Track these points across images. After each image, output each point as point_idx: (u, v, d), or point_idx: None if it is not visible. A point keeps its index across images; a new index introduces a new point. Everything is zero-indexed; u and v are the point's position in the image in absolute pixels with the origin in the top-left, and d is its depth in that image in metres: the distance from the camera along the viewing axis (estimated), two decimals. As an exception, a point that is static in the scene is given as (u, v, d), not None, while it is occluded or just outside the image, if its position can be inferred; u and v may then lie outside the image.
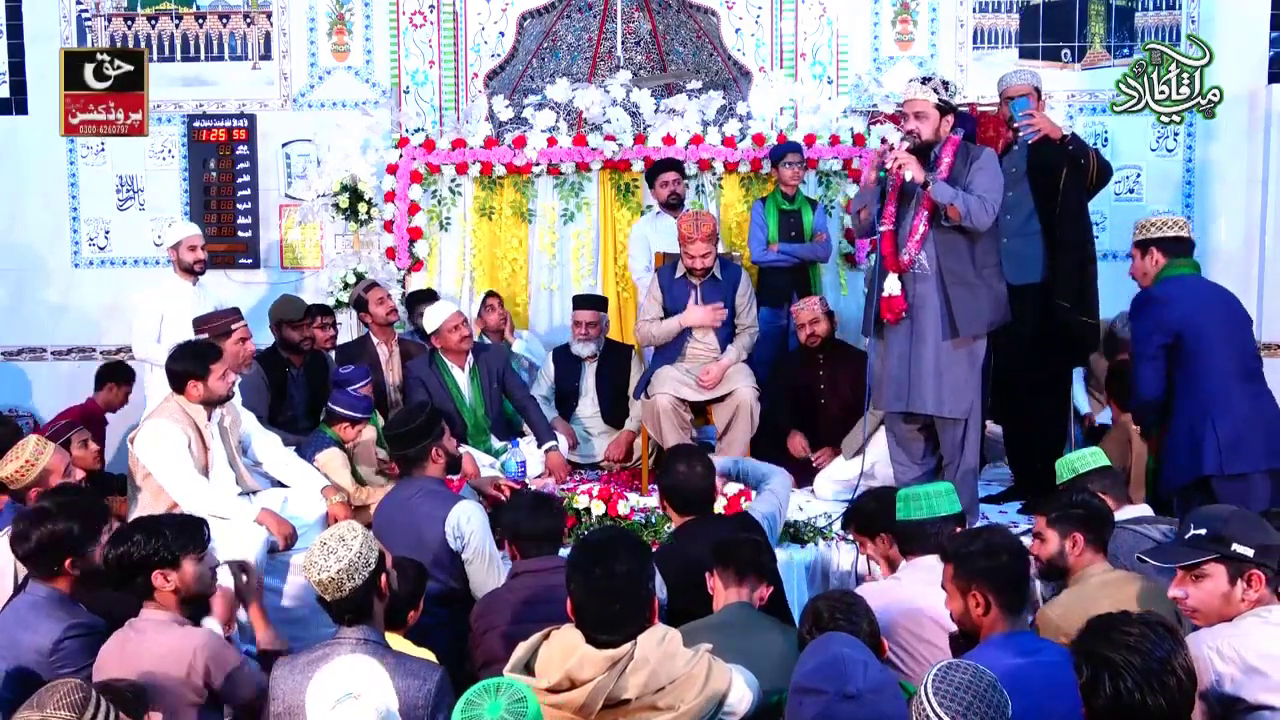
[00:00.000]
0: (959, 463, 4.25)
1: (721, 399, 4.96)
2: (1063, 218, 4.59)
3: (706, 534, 3.19)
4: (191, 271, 5.45)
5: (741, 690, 2.40)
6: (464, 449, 4.58)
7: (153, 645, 2.75)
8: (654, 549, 3.45)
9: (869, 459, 4.71)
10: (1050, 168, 4.57)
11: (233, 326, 4.55)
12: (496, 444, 5.17)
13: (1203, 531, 2.48)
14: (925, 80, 4.16)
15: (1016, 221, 4.66)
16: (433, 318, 5.17)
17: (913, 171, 4.01)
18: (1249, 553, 2.42)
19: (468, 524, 3.57)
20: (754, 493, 3.87)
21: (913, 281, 4.15)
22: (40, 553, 3.02)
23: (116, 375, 6.12)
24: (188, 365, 3.99)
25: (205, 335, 4.53)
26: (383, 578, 2.70)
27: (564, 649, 2.31)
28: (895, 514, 3.18)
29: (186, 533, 2.90)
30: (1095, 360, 5.74)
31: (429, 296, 5.85)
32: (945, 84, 4.21)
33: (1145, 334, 4.01)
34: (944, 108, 4.11)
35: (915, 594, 2.96)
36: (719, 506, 4.57)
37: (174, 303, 5.35)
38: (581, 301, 5.65)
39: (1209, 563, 2.46)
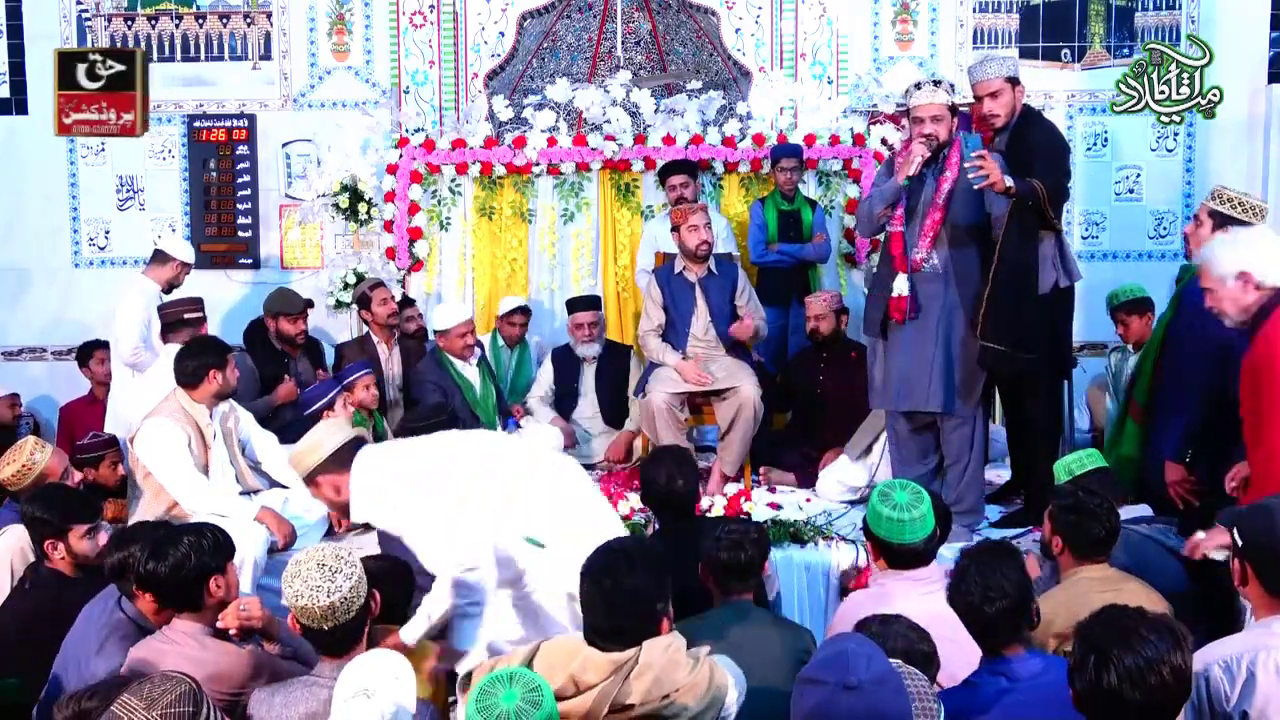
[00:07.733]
0: (969, 460, 4.25)
1: (723, 395, 4.95)
2: (1002, 255, 4.06)
3: (690, 542, 3.14)
4: (170, 288, 5.46)
5: (735, 689, 2.40)
6: None
7: (202, 660, 2.58)
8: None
9: (875, 461, 4.72)
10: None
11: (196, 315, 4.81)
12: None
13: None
14: (937, 83, 4.18)
15: None
16: (444, 318, 5.17)
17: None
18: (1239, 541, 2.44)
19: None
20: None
21: (922, 281, 4.16)
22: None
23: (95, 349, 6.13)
24: (208, 358, 4.02)
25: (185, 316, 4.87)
26: (375, 599, 2.54)
27: (566, 652, 2.30)
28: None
29: (221, 536, 2.79)
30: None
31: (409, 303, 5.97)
32: (951, 85, 4.25)
33: (1195, 323, 3.69)
34: (954, 109, 4.17)
35: (895, 595, 2.94)
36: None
37: (152, 309, 5.35)
38: (577, 304, 5.62)
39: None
